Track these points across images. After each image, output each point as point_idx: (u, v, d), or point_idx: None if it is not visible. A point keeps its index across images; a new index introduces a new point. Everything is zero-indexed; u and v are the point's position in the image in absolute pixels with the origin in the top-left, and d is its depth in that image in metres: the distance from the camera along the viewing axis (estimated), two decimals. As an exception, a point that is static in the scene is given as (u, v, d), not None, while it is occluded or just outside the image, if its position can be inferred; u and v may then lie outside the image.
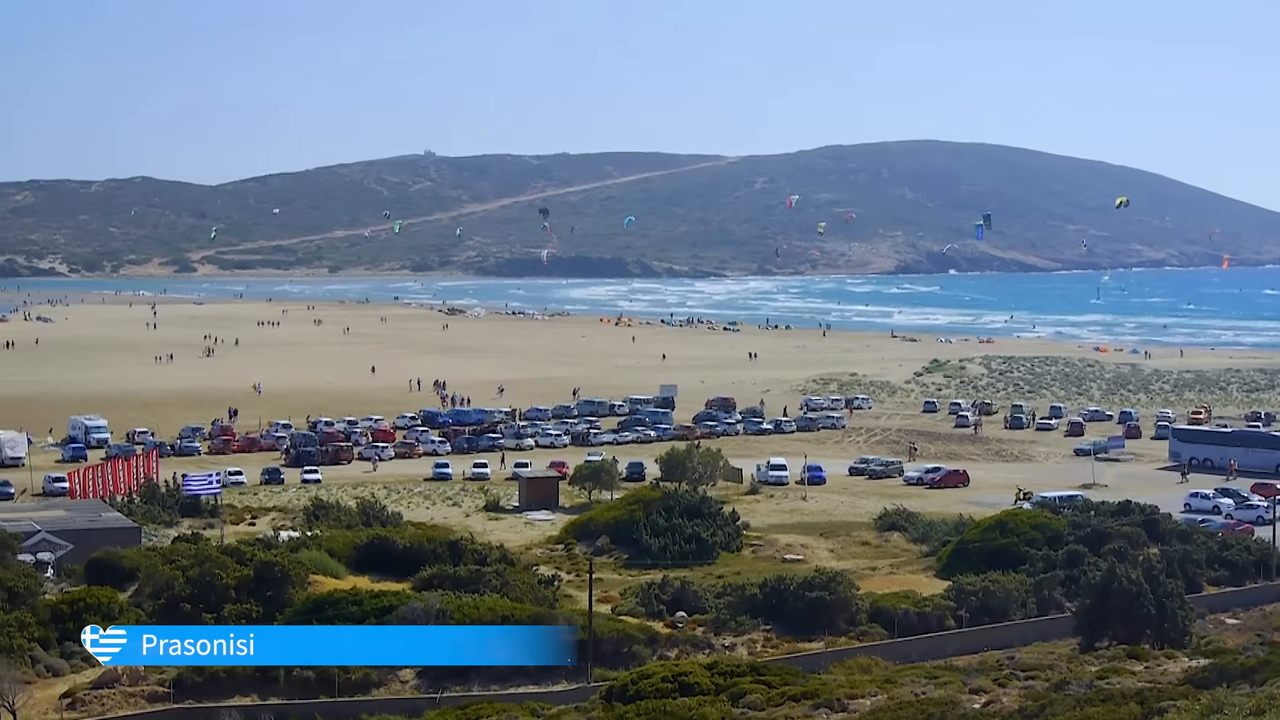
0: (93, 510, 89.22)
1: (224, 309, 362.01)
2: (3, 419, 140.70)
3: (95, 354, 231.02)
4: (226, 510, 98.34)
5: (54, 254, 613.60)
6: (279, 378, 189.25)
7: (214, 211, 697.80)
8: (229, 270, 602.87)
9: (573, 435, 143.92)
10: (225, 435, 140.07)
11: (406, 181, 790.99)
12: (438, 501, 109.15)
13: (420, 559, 73.80)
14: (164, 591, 65.45)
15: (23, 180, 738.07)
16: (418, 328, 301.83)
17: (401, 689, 56.89)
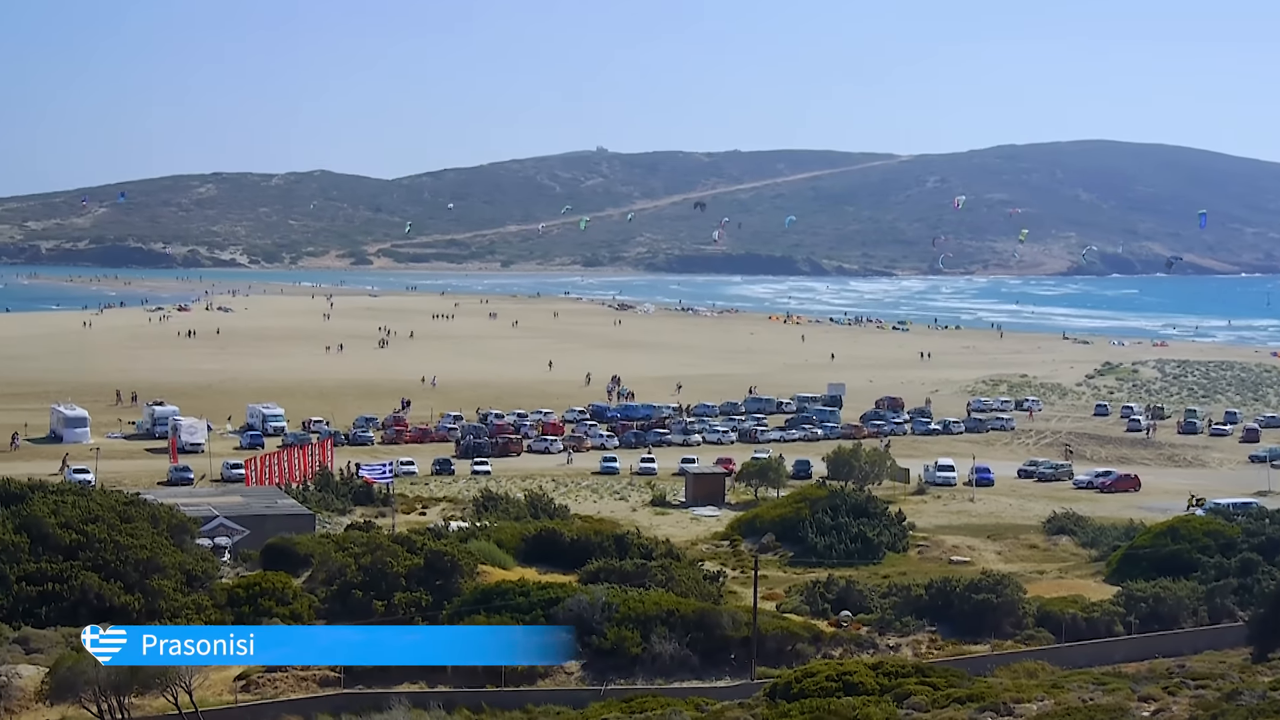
0: (269, 497, 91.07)
1: (398, 301, 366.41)
2: (184, 406, 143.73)
3: (273, 344, 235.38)
4: (398, 499, 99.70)
5: (235, 245, 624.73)
6: (451, 370, 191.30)
7: (390, 205, 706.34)
8: (404, 263, 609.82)
9: (740, 432, 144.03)
10: (398, 425, 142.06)
11: (579, 177, 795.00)
12: (605, 496, 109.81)
13: (587, 552, 74.35)
14: (336, 578, 66.64)
15: (206, 173, 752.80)
16: (589, 323, 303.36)
17: (567, 680, 57.47)
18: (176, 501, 78.47)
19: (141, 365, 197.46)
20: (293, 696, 54.03)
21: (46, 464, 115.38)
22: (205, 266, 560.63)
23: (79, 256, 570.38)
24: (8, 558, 62.14)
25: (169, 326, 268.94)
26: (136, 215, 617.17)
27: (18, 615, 59.15)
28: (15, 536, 63.63)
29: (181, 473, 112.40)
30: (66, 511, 66.53)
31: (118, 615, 59.96)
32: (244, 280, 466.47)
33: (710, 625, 60.67)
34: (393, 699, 51.58)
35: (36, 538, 63.89)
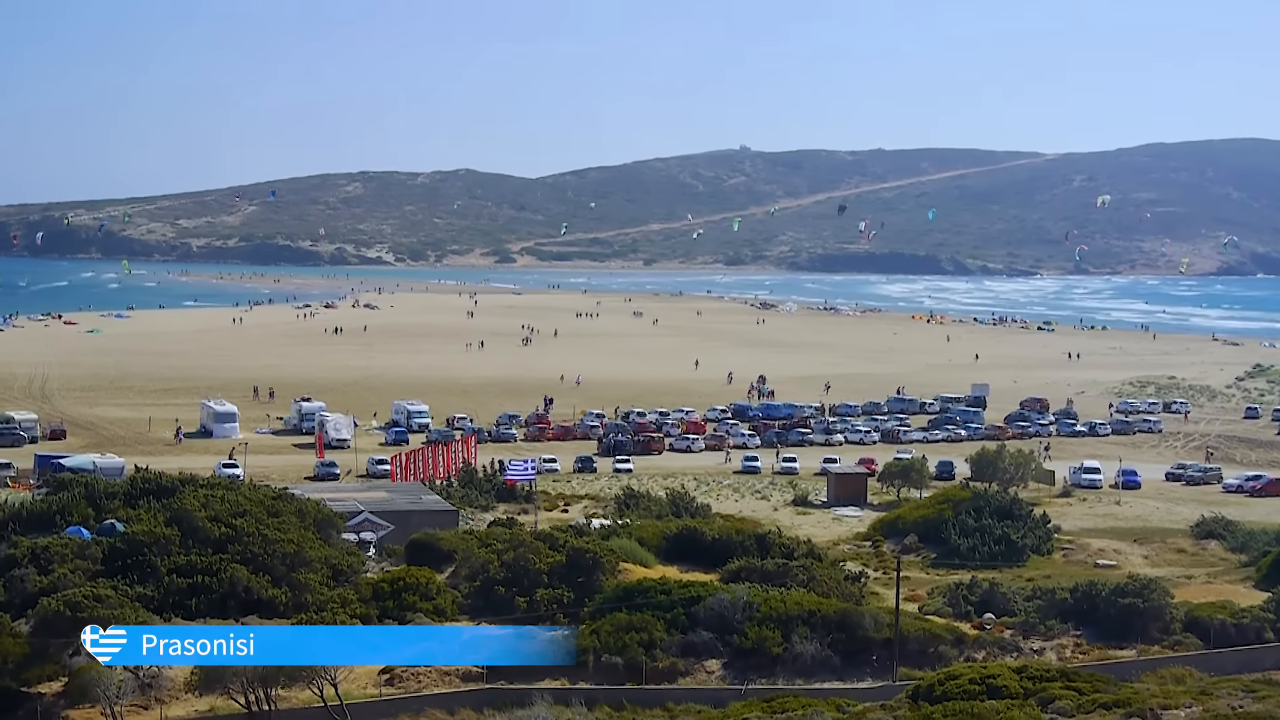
0: (413, 493, 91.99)
1: (541, 299, 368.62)
2: (331, 402, 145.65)
3: (418, 341, 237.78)
4: (540, 497, 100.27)
5: (381, 243, 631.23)
6: (593, 368, 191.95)
7: (533, 204, 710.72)
8: (547, 261, 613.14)
9: (882, 432, 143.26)
10: (541, 423, 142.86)
11: (721, 176, 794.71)
12: (746, 494, 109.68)
13: (728, 551, 74.22)
14: (479, 574, 67.09)
15: (353, 171, 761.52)
16: (731, 321, 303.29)
17: (708, 679, 57.46)
18: (323, 496, 79.37)
19: (289, 361, 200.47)
20: (436, 691, 54.49)
21: (198, 458, 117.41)
22: (352, 264, 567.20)
23: (229, 254, 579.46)
24: (159, 550, 63.24)
25: (316, 323, 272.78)
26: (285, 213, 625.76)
27: (168, 607, 60.11)
28: (166, 529, 64.75)
29: (328, 468, 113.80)
30: (216, 505, 67.59)
31: (265, 608, 60.87)
32: (389, 278, 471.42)
33: (852, 626, 60.38)
34: (535, 695, 51.85)
35: (187, 531, 64.98)
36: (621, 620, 58.81)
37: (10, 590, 60.32)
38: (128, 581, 60.44)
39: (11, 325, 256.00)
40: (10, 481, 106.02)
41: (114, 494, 73.45)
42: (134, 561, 62.64)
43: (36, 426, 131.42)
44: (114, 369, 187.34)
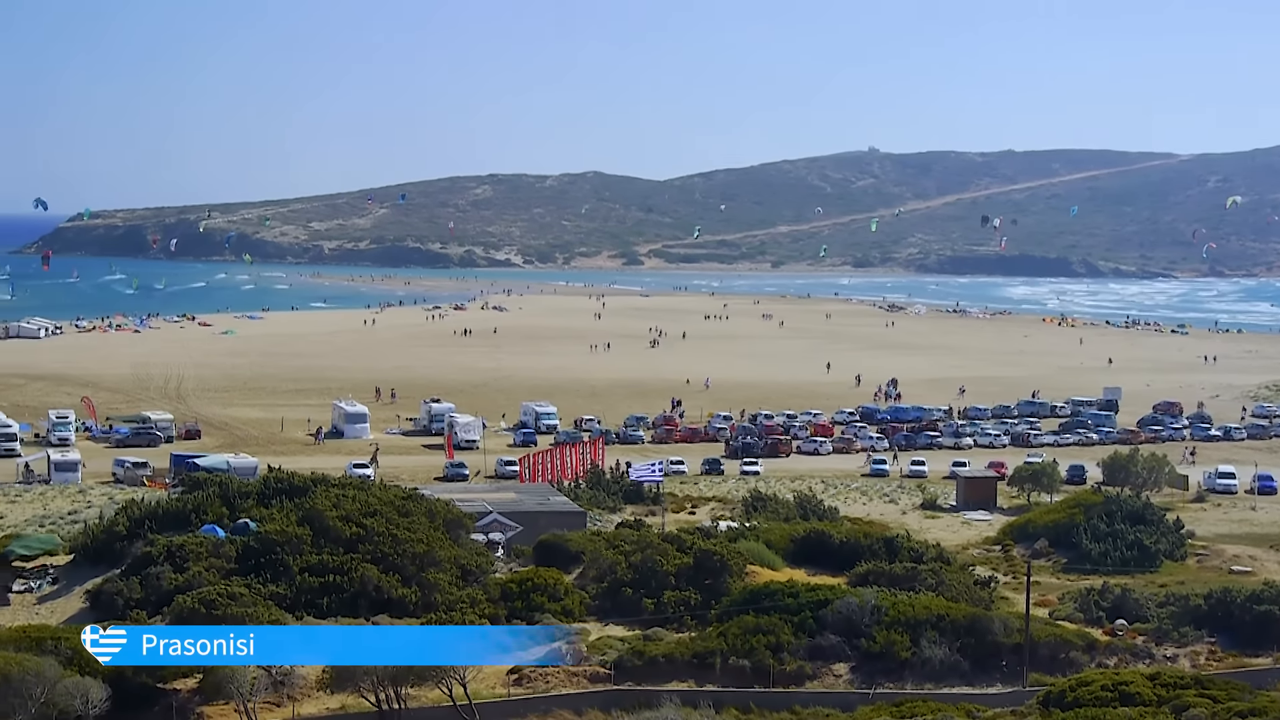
0: (542, 493, 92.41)
1: (668, 301, 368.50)
2: (460, 403, 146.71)
3: (546, 343, 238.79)
4: (668, 498, 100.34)
5: (509, 245, 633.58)
6: (721, 370, 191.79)
7: (661, 206, 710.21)
8: (674, 264, 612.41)
9: (1012, 436, 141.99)
10: (668, 425, 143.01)
11: (849, 178, 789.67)
12: (874, 497, 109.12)
13: (856, 554, 73.92)
14: (607, 575, 67.34)
15: (482, 174, 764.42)
16: (859, 324, 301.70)
17: (835, 683, 57.26)
18: (452, 497, 79.92)
19: (419, 363, 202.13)
20: (564, 691, 54.72)
21: (330, 458, 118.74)
22: (480, 266, 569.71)
23: (359, 256, 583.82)
24: (291, 549, 64.07)
25: (445, 325, 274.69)
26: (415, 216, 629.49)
27: (300, 605, 60.91)
28: (298, 529, 65.61)
29: (457, 469, 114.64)
30: (347, 505, 68.36)
31: (395, 607, 61.50)
32: (518, 280, 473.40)
33: (981, 631, 59.92)
34: (663, 696, 51.97)
35: (318, 530, 65.79)
36: (749, 623, 58.76)
37: (146, 587, 61.41)
38: (261, 580, 61.35)
39: (148, 326, 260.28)
40: (147, 480, 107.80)
41: (247, 493, 74.54)
42: (267, 560, 63.56)
43: (172, 426, 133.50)
44: (247, 370, 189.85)
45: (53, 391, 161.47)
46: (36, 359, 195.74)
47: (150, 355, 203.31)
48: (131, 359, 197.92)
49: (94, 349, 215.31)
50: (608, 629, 62.78)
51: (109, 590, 62.97)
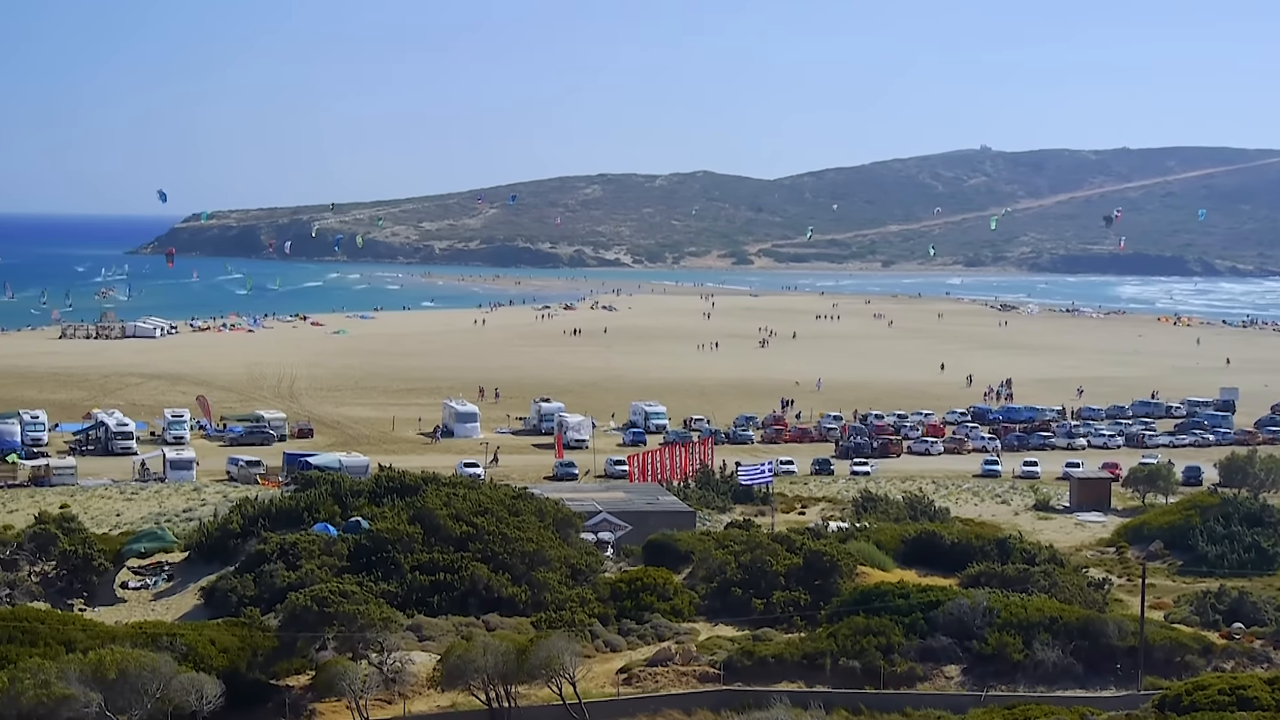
0: (651, 493, 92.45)
1: (778, 301, 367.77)
2: (569, 403, 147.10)
3: (655, 342, 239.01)
4: (777, 498, 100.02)
5: (619, 245, 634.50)
6: (831, 370, 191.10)
7: (771, 205, 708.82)
8: (784, 263, 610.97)
9: (1126, 436, 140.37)
10: (778, 425, 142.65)
11: (961, 176, 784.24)
12: (986, 498, 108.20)
13: (968, 555, 73.30)
14: (716, 575, 67.19)
15: (592, 174, 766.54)
16: (971, 323, 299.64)
17: (946, 685, 56.75)
18: (562, 496, 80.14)
19: (529, 362, 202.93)
20: (673, 691, 54.61)
21: (441, 457, 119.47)
22: (590, 266, 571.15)
23: (470, 256, 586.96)
24: (402, 547, 64.43)
25: (555, 324, 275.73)
26: (525, 215, 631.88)
27: (411, 603, 61.24)
28: (410, 527, 65.96)
29: (567, 468, 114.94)
30: (458, 504, 68.66)
31: (505, 606, 61.72)
32: (627, 280, 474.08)
33: (1095, 633, 59.15)
34: (773, 697, 51.74)
35: (429, 529, 66.11)
36: (859, 624, 58.39)
37: (260, 585, 61.98)
38: (372, 578, 61.72)
39: (262, 326, 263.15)
40: (260, 478, 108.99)
41: (359, 492, 75.12)
42: (378, 558, 63.95)
43: (285, 425, 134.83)
44: (359, 369, 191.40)
45: (168, 390, 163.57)
46: (153, 358, 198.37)
47: (264, 355, 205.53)
48: (245, 358, 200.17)
49: (208, 348, 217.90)
50: (717, 629, 62.64)
51: (223, 587, 63.66)
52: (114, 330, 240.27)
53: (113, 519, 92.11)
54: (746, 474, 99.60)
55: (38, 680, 43.61)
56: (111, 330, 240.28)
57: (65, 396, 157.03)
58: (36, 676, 43.87)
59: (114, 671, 44.72)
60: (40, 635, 50.94)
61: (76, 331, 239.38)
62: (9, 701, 43.44)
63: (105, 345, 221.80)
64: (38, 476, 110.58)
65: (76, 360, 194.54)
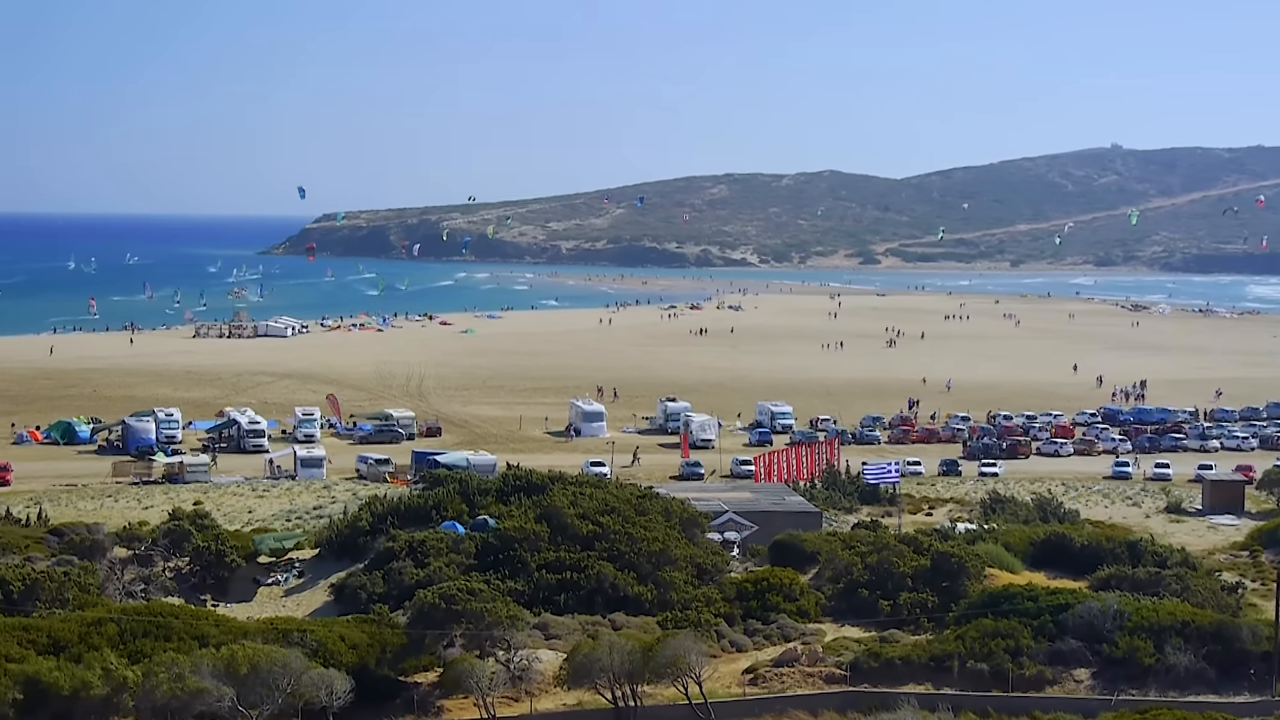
0: (777, 493, 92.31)
1: (905, 300, 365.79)
2: (695, 403, 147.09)
3: (782, 342, 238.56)
4: (904, 499, 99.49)
5: (745, 245, 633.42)
6: (959, 370, 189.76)
7: (898, 205, 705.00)
8: (911, 263, 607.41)
9: (1261, 439, 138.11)
10: (905, 425, 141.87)
11: (1091, 175, 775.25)
12: (1116, 500, 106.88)
13: (1098, 558, 72.45)
14: (843, 576, 66.93)
15: (719, 174, 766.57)
16: (1101, 324, 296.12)
17: (1076, 688, 56.14)
18: (688, 496, 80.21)
19: (655, 361, 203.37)
20: (799, 692, 54.46)
21: (567, 456, 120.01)
22: (716, 266, 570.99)
23: (596, 256, 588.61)
24: (529, 546, 64.77)
25: (681, 324, 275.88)
26: (651, 215, 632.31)
27: (538, 601, 61.54)
28: (536, 526, 66.31)
29: (692, 468, 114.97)
30: (584, 503, 68.93)
31: (631, 605, 61.85)
32: (753, 279, 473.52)
33: (1228, 638, 58.26)
34: (900, 699, 51.47)
35: (556, 527, 66.43)
36: (987, 626, 57.93)
37: (389, 582, 62.60)
38: (499, 576, 62.08)
39: (391, 326, 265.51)
40: (389, 477, 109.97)
41: (486, 490, 75.64)
42: (505, 556, 64.34)
43: (414, 424, 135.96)
44: (486, 368, 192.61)
45: (299, 389, 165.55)
46: (284, 357, 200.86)
47: (392, 354, 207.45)
48: (375, 357, 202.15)
49: (338, 347, 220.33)
50: (843, 630, 62.40)
51: (352, 584, 64.37)
52: (246, 329, 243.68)
53: (245, 516, 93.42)
54: (873, 474, 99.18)
55: (172, 674, 44.31)
56: (244, 329, 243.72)
57: (199, 395, 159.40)
58: (171, 670, 44.57)
59: (246, 666, 45.35)
60: (174, 630, 51.77)
61: (210, 331, 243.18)
62: (144, 695, 44.19)
63: (237, 344, 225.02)
64: (172, 474, 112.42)
65: (209, 359, 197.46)
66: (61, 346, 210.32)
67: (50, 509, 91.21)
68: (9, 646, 48.07)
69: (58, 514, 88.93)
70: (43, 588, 56.76)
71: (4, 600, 55.40)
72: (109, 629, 50.88)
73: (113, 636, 50.25)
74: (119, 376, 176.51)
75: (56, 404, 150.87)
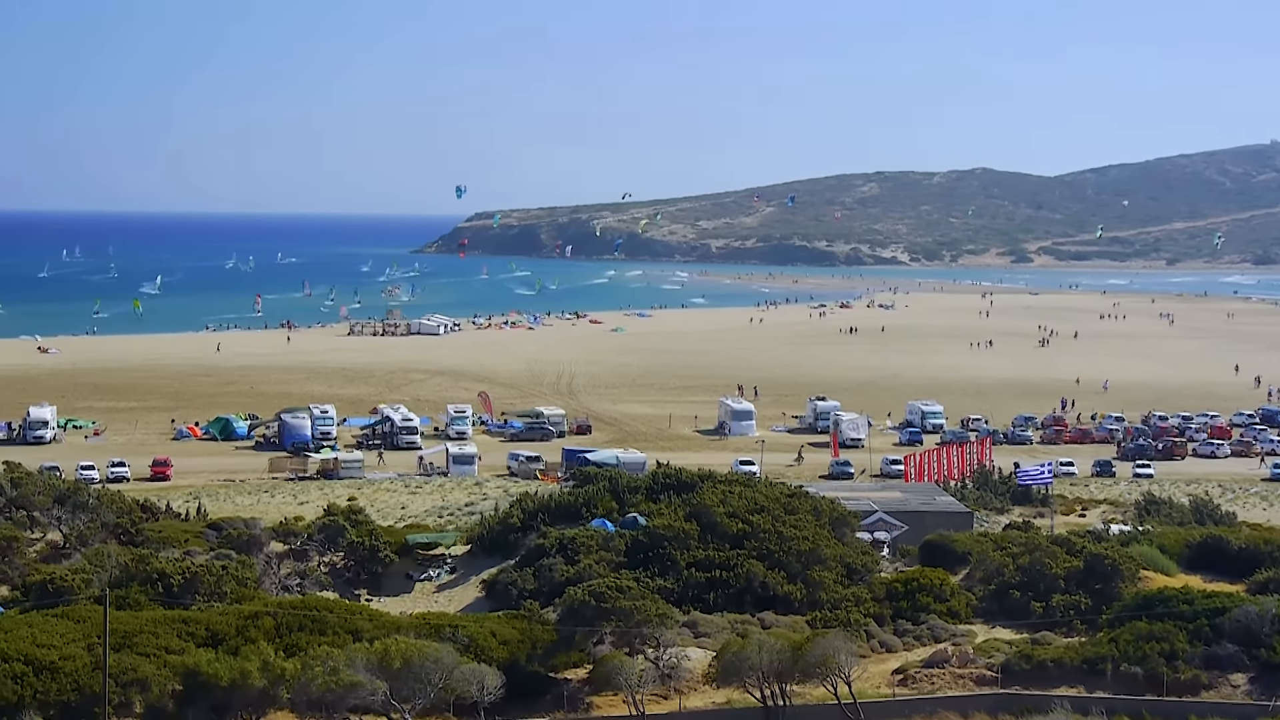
0: (927, 493, 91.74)
1: (1058, 299, 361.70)
2: (845, 401, 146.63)
3: (932, 341, 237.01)
4: (1057, 500, 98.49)
5: (896, 243, 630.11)
6: (1113, 370, 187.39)
7: (1051, 203, 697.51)
8: (1064, 261, 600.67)
9: None
10: (1058, 425, 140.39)
11: (1250, 172, 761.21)
12: (1276, 503, 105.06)
13: (1256, 561, 71.11)
14: (994, 577, 66.36)
15: (869, 172, 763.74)
16: (1263, 323, 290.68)
17: (1232, 693, 55.26)
18: (837, 495, 79.94)
19: (805, 360, 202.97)
20: (950, 693, 54.13)
21: (716, 454, 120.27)
22: (866, 264, 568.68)
23: (746, 254, 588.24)
24: (679, 544, 64.91)
25: (830, 323, 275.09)
26: (801, 214, 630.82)
27: (687, 599, 61.67)
28: (686, 524, 66.42)
29: (842, 467, 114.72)
30: (734, 502, 68.94)
31: (780, 604, 61.79)
32: (904, 278, 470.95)
33: (1392, 645, 57.06)
34: (1053, 702, 50.98)
35: (705, 526, 66.49)
36: (1141, 629, 57.16)
37: (539, 579, 63.03)
38: (649, 574, 62.20)
39: (541, 324, 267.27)
40: (540, 474, 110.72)
41: (636, 488, 75.83)
42: (655, 554, 64.49)
43: (564, 422, 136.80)
44: (636, 367, 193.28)
45: (451, 386, 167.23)
46: (436, 355, 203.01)
47: (543, 352, 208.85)
48: (525, 355, 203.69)
49: (490, 345, 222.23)
50: (994, 631, 61.88)
51: (503, 580, 64.90)
52: (399, 327, 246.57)
53: (398, 512, 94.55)
54: (1025, 475, 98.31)
55: (327, 668, 44.97)
56: (397, 327, 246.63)
57: (353, 392, 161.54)
58: (326, 664, 45.24)
59: (399, 661, 45.89)
60: (329, 624, 52.52)
61: (364, 328, 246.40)
62: (300, 687, 44.90)
63: (391, 342, 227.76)
64: (326, 470, 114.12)
65: (363, 356, 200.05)
66: (222, 344, 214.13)
67: (209, 504, 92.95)
68: (169, 639, 49.11)
69: (216, 509, 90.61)
70: (202, 581, 57.86)
71: (164, 593, 56.54)
72: (265, 622, 51.75)
73: (269, 630, 51.10)
74: (276, 374, 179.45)
75: (215, 401, 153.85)
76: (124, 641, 47.78)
